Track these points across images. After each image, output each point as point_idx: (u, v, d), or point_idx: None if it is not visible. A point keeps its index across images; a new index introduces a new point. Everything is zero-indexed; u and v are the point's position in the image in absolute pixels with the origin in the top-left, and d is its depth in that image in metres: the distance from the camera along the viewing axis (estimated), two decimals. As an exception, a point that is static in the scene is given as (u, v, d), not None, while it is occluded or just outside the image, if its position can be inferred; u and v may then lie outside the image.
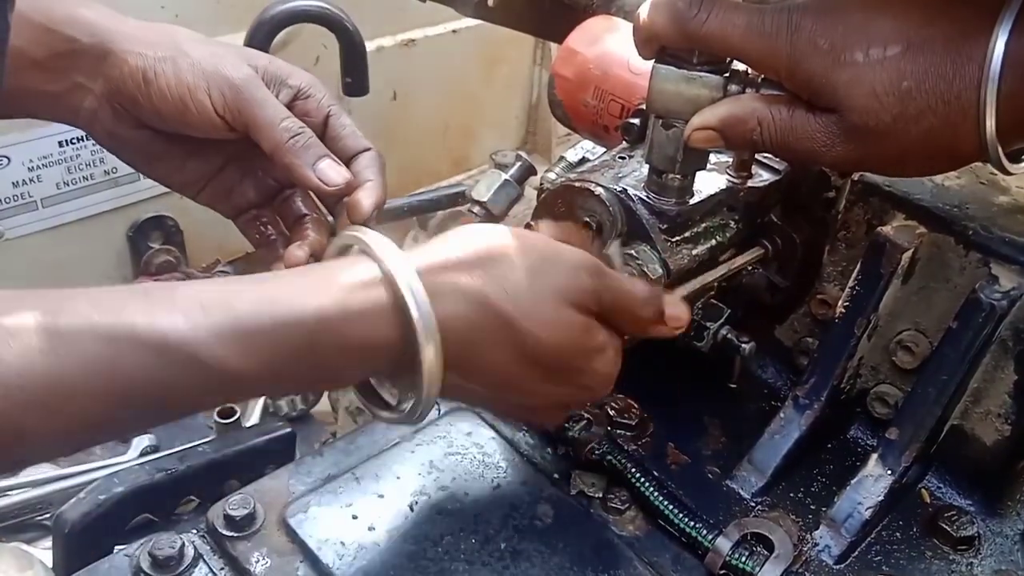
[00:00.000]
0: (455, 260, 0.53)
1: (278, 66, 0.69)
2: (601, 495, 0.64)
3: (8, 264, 1.14)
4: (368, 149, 0.69)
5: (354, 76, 1.08)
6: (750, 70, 0.58)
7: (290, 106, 0.68)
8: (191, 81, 0.64)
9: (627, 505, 0.63)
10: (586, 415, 0.67)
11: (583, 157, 0.96)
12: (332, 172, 0.65)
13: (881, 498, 0.62)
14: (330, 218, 0.70)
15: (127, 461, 0.83)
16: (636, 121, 0.74)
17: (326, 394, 1.01)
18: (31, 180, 1.13)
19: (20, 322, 0.42)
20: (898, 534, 0.63)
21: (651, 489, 0.62)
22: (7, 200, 1.12)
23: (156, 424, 0.50)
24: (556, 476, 0.65)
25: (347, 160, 0.68)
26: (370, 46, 1.17)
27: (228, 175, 0.71)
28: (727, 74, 0.58)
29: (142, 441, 0.87)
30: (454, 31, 1.55)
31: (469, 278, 0.52)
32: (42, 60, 0.64)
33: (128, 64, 0.64)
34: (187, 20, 1.21)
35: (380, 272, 0.50)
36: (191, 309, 0.46)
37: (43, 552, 0.74)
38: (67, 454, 0.63)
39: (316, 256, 0.67)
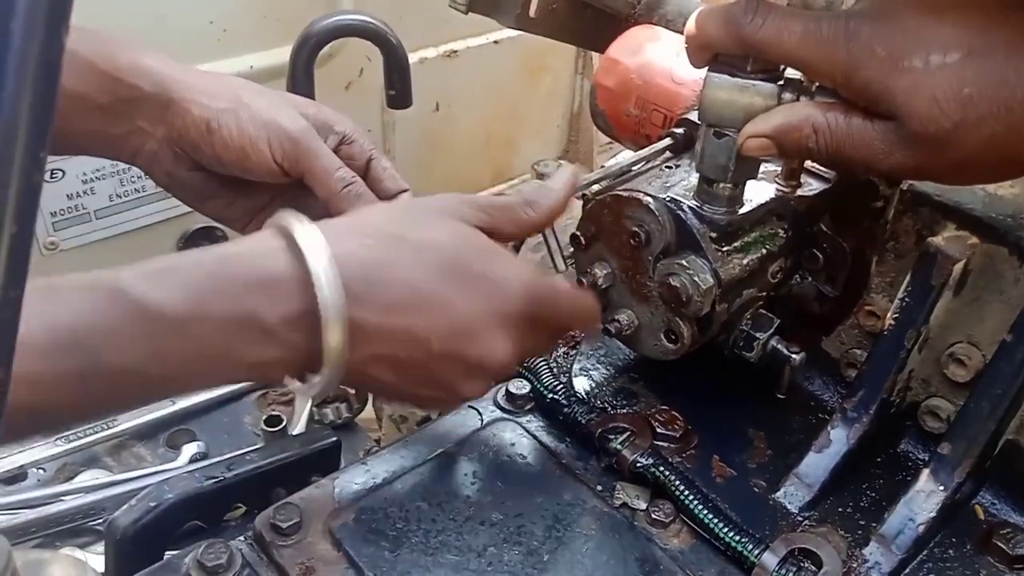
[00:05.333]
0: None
1: (326, 114, 0.75)
2: (645, 507, 0.63)
3: (62, 274, 1.17)
4: (405, 190, 0.75)
5: (397, 89, 1.09)
6: (804, 78, 0.57)
7: (336, 150, 0.73)
8: (252, 132, 0.69)
9: (671, 518, 0.62)
10: (630, 428, 0.67)
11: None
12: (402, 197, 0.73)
13: (933, 514, 0.61)
14: None
15: (177, 468, 0.84)
16: (680, 131, 0.74)
17: (370, 402, 1.02)
18: (85, 192, 1.16)
19: None
20: (951, 551, 0.62)
21: (696, 502, 0.62)
22: (62, 212, 1.15)
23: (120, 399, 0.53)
24: (599, 488, 0.65)
25: (386, 200, 0.74)
26: (413, 58, 1.18)
27: (272, 211, 0.75)
28: (781, 82, 0.58)
29: (191, 448, 0.88)
30: (496, 42, 1.56)
31: (352, 227, 0.56)
32: (106, 105, 0.69)
33: (191, 114, 0.69)
34: (234, 34, 1.23)
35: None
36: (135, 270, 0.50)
37: (96, 557, 0.76)
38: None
39: None
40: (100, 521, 0.79)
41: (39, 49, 0.28)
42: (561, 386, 0.70)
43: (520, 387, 0.71)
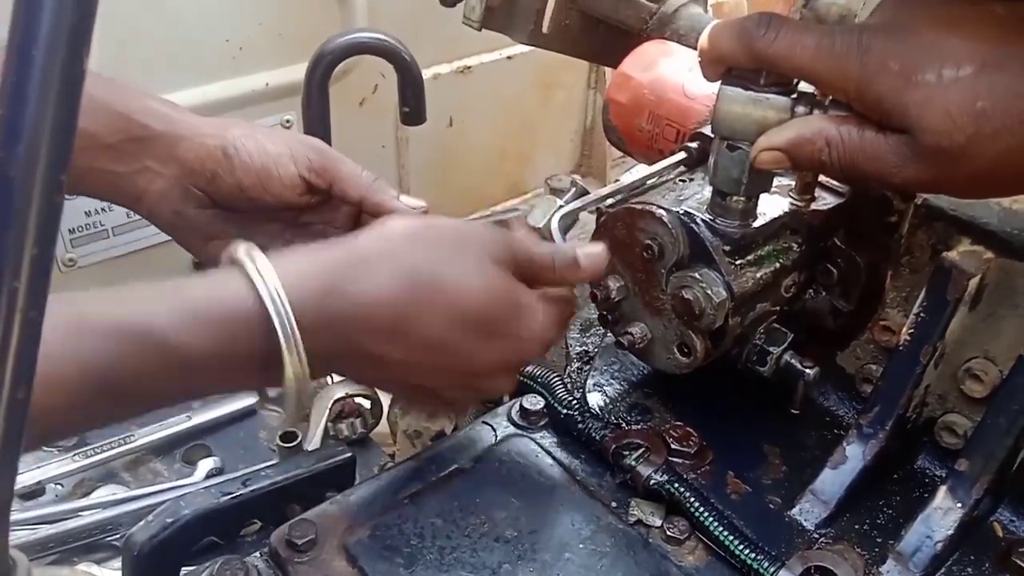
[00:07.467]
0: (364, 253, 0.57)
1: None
2: (659, 524, 0.63)
3: (81, 290, 1.18)
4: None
5: (411, 106, 1.10)
6: (818, 92, 0.57)
7: None
8: (274, 150, 0.72)
9: (686, 535, 0.62)
10: (644, 443, 0.67)
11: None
12: (413, 202, 0.74)
13: (951, 531, 0.60)
14: None
15: (193, 483, 0.84)
16: (694, 145, 0.74)
17: (385, 417, 1.03)
18: (102, 209, 1.17)
19: None
20: (969, 569, 0.61)
21: (711, 519, 0.62)
22: (80, 229, 1.17)
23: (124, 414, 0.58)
24: (614, 504, 0.65)
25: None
26: (427, 74, 1.19)
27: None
28: (794, 95, 0.58)
29: (207, 463, 0.88)
30: (509, 57, 1.57)
31: (389, 263, 0.56)
32: (115, 144, 0.70)
33: (207, 145, 0.71)
34: (250, 52, 1.25)
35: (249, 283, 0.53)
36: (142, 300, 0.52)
37: (113, 572, 0.76)
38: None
39: None
40: (117, 537, 0.80)
41: (60, 73, 0.28)
42: (575, 402, 0.70)
43: (534, 403, 0.71)
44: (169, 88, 1.16)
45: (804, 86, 0.58)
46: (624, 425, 0.71)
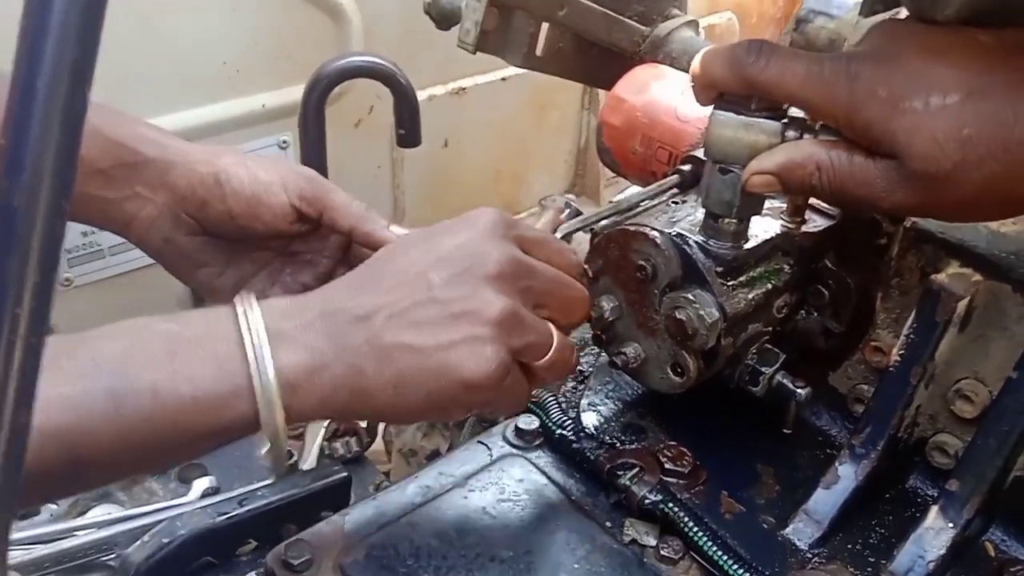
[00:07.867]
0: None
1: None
2: (654, 544, 0.63)
3: (75, 310, 1.18)
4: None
5: (407, 128, 1.11)
6: (808, 116, 0.58)
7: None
8: (265, 178, 0.71)
9: (680, 555, 0.62)
10: (638, 463, 0.67)
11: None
12: (402, 232, 0.73)
13: (943, 551, 0.61)
14: None
15: (189, 503, 0.84)
16: (687, 168, 0.75)
17: (380, 435, 1.03)
18: (98, 230, 1.18)
19: None
20: (961, 589, 0.62)
21: (705, 539, 0.62)
22: (76, 249, 1.17)
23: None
24: (608, 524, 0.65)
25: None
26: (422, 95, 1.20)
27: (258, 282, 0.78)
28: (785, 120, 0.59)
29: (203, 482, 0.88)
30: (503, 79, 1.58)
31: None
32: (105, 169, 0.70)
33: (198, 172, 0.71)
34: (247, 75, 1.26)
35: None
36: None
37: (107, 593, 0.76)
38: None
39: None
40: (112, 557, 0.80)
41: (63, 104, 0.29)
42: (570, 421, 0.71)
43: (529, 422, 0.71)
44: (167, 110, 1.18)
45: (795, 111, 0.59)
46: (618, 445, 0.71)
